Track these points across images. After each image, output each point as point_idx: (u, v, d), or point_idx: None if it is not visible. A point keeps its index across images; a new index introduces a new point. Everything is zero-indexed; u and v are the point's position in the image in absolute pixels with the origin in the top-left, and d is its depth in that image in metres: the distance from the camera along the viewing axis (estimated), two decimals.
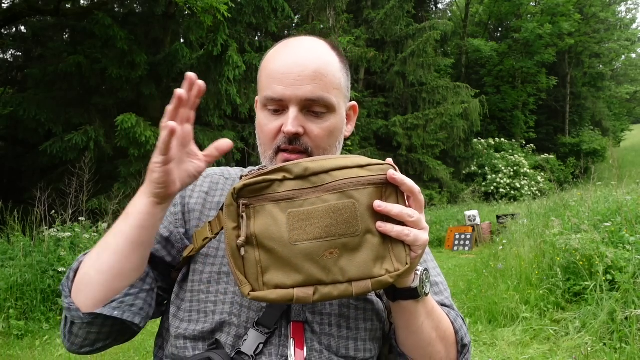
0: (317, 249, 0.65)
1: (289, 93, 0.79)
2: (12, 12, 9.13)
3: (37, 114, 8.37)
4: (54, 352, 4.13)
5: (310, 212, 0.66)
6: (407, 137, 17.04)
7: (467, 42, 26.06)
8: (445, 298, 0.91)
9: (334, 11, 15.12)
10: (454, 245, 10.35)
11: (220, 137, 6.21)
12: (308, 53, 0.81)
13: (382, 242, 0.68)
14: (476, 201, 17.59)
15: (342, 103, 0.86)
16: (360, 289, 0.67)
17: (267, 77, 0.82)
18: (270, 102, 0.81)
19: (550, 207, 7.70)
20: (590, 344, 3.50)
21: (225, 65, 8.97)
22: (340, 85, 0.84)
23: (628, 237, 4.33)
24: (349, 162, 0.69)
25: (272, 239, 0.66)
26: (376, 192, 0.68)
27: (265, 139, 0.84)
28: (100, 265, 0.74)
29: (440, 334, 0.80)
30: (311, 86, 0.79)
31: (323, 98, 0.80)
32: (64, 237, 5.51)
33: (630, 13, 42.61)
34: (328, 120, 0.82)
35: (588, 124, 30.48)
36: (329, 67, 0.82)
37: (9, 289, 4.75)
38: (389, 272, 0.68)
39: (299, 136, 0.80)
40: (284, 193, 0.67)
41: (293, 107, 0.79)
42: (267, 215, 0.67)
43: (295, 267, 0.66)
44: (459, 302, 5.19)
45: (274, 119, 0.82)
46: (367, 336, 0.82)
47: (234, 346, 0.76)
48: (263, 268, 0.67)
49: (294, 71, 0.79)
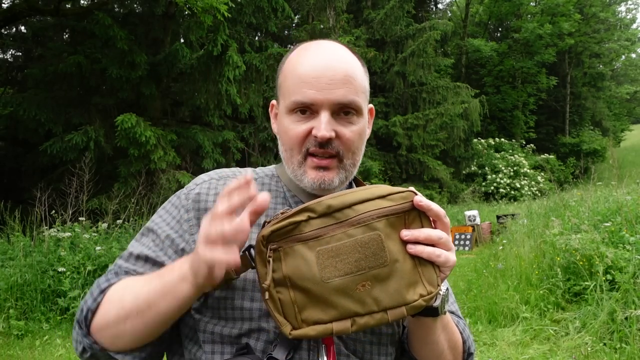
0: (350, 283, 0.67)
1: (321, 97, 0.78)
2: (12, 12, 9.12)
3: (37, 114, 8.37)
4: (54, 352, 4.13)
5: (338, 248, 0.67)
6: (407, 137, 17.03)
7: (467, 42, 26.05)
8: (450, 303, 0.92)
9: (334, 11, 15.12)
10: (454, 245, 10.34)
11: (220, 137, 6.25)
12: (336, 57, 0.81)
13: (412, 268, 0.70)
14: (476, 201, 17.59)
15: (366, 106, 0.86)
16: (396, 316, 0.69)
17: (296, 81, 0.80)
18: (300, 106, 0.80)
19: (550, 207, 7.70)
20: (590, 344, 3.50)
21: (225, 65, 8.97)
22: (365, 89, 0.85)
23: (628, 237, 4.33)
24: (369, 194, 0.70)
25: (304, 278, 0.67)
26: (399, 220, 0.70)
27: (293, 144, 0.81)
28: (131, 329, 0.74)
29: (451, 345, 0.83)
30: (343, 90, 0.78)
31: (354, 102, 0.80)
32: (64, 237, 5.51)
33: (630, 13, 42.62)
34: (357, 123, 0.82)
35: (588, 124, 30.47)
36: (356, 70, 0.82)
37: (9, 289, 4.75)
38: (422, 296, 0.70)
39: (331, 140, 0.79)
40: (311, 232, 0.68)
41: (325, 112, 0.78)
42: (297, 256, 0.68)
43: (331, 303, 0.67)
44: (459, 302, 5.19)
45: (302, 123, 0.80)
46: (389, 340, 0.84)
47: (264, 351, 0.76)
48: (299, 307, 0.68)
49: (326, 75, 0.78)
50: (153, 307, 0.72)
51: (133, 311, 0.73)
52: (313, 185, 0.80)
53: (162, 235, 0.83)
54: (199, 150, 9.98)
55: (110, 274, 0.82)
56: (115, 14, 10.83)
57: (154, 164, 8.44)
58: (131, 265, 0.82)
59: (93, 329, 0.77)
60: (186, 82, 9.93)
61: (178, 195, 0.88)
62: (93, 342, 0.76)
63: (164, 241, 0.83)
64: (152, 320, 0.73)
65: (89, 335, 0.77)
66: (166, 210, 0.87)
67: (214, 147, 10.07)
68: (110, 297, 0.77)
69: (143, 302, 0.73)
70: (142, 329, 0.74)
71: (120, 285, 0.78)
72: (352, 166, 0.83)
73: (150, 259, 0.82)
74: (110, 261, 5.26)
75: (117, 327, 0.74)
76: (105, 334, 0.76)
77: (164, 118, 10.34)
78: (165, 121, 10.25)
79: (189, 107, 10.77)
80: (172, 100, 10.97)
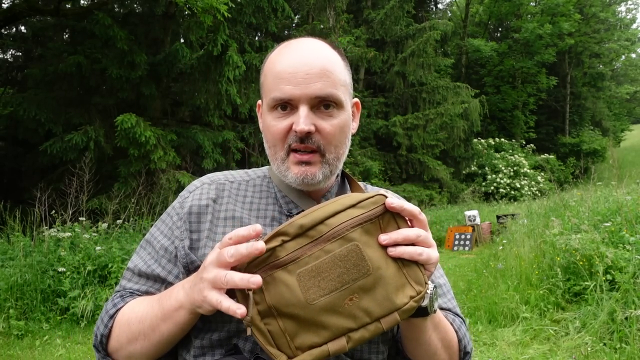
0: (337, 300, 0.66)
1: (298, 92, 0.78)
2: (12, 12, 9.12)
3: (37, 114, 8.36)
4: (54, 352, 4.13)
5: (318, 267, 0.66)
6: (407, 137, 17.03)
7: (467, 42, 26.05)
8: (448, 300, 0.92)
9: (334, 11, 15.11)
10: (454, 245, 10.35)
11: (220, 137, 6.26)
12: (313, 52, 0.82)
13: (396, 272, 0.69)
14: (476, 201, 17.59)
15: (348, 100, 0.86)
16: (390, 323, 0.68)
17: (274, 79, 0.81)
18: (279, 103, 0.80)
19: (550, 207, 7.70)
20: (590, 344, 3.50)
21: (225, 65, 8.97)
22: (345, 82, 0.84)
23: (628, 237, 4.33)
24: (339, 206, 0.69)
25: (290, 305, 0.66)
26: (374, 226, 0.69)
27: (275, 140, 0.82)
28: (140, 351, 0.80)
29: (445, 343, 0.82)
30: (320, 83, 0.79)
31: (332, 94, 0.80)
32: (64, 237, 5.51)
33: (630, 13, 42.62)
34: (338, 117, 0.82)
35: (588, 124, 30.47)
36: (334, 64, 0.82)
37: (9, 289, 4.75)
38: (412, 297, 0.69)
39: (311, 134, 0.79)
40: (287, 256, 0.66)
41: (303, 106, 0.79)
42: (278, 283, 0.66)
43: (322, 325, 0.66)
44: (459, 302, 5.19)
45: (282, 119, 0.81)
46: (380, 339, 0.84)
47: (252, 352, 0.77)
48: (290, 335, 0.66)
49: (302, 70, 0.79)
50: (156, 330, 0.77)
51: (140, 334, 0.78)
52: (297, 181, 0.81)
53: (157, 246, 0.87)
54: (199, 150, 9.98)
55: (115, 298, 0.86)
56: (115, 14, 10.82)
57: (154, 164, 8.44)
58: (134, 284, 0.87)
59: (110, 351, 0.83)
60: (186, 82, 9.92)
61: (173, 206, 0.91)
62: None
63: (158, 252, 0.86)
64: (158, 342, 0.78)
65: (108, 356, 0.84)
66: (162, 220, 0.91)
67: (214, 147, 10.07)
68: (119, 321, 0.82)
69: (147, 327, 0.77)
70: (150, 348, 0.79)
71: (127, 309, 0.83)
72: (335, 160, 0.83)
73: (146, 274, 0.86)
74: (110, 261, 5.27)
75: (129, 349, 0.81)
76: (121, 355, 0.83)
77: (164, 118, 10.34)
78: (165, 121, 10.25)
79: (189, 107, 10.77)
80: (172, 100, 10.97)
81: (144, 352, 0.80)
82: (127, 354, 0.81)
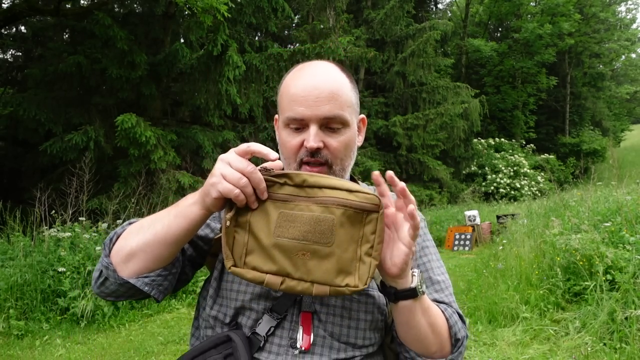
0: (293, 247, 0.76)
1: (309, 113, 0.90)
2: (12, 12, 9.11)
3: (37, 114, 8.36)
4: (54, 352, 4.13)
5: (296, 216, 0.76)
6: (407, 137, 17.03)
7: (467, 42, 26.05)
8: (445, 296, 0.99)
9: (334, 11, 15.11)
10: (454, 245, 10.35)
11: (220, 137, 6.25)
12: (323, 76, 0.92)
13: (350, 260, 0.77)
14: (476, 201, 17.59)
15: (354, 118, 0.97)
16: (319, 291, 0.77)
17: (289, 100, 0.92)
18: (292, 122, 0.92)
19: (550, 207, 7.70)
20: (590, 344, 3.49)
21: (225, 65, 8.96)
22: (352, 103, 0.95)
23: (628, 237, 4.33)
24: (340, 185, 0.78)
25: (260, 229, 0.77)
26: (357, 215, 0.77)
27: (289, 154, 0.94)
28: (144, 245, 0.86)
29: (435, 329, 0.88)
30: (328, 106, 0.90)
31: (339, 115, 0.91)
32: (64, 237, 5.51)
33: (630, 13, 42.64)
34: (344, 134, 0.93)
35: (588, 124, 30.47)
36: (342, 88, 0.93)
37: (9, 289, 4.75)
38: (349, 286, 0.77)
39: (320, 150, 0.91)
40: (282, 195, 0.78)
41: (313, 125, 0.90)
42: (263, 210, 0.78)
43: (272, 258, 0.77)
44: (459, 302, 5.19)
45: (295, 136, 0.92)
46: (367, 326, 0.92)
47: (251, 327, 0.91)
48: (248, 250, 0.78)
49: (313, 94, 0.90)
50: (166, 226, 0.84)
51: (149, 231, 0.86)
52: None
53: None
54: (199, 150, 9.98)
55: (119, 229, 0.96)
56: (115, 14, 10.82)
57: (154, 164, 8.44)
58: None
59: (113, 252, 0.89)
60: (186, 82, 9.92)
61: None
62: (109, 263, 0.88)
63: None
64: (164, 239, 0.85)
65: (109, 256, 0.89)
66: None
67: (214, 147, 10.06)
68: (133, 225, 0.91)
69: (158, 222, 0.86)
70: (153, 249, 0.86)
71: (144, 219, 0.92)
72: (341, 171, 0.95)
73: None
74: None
75: (131, 246, 0.87)
76: (120, 255, 0.88)
77: (164, 118, 10.34)
78: (165, 121, 10.25)
79: (189, 107, 10.76)
80: (172, 100, 10.97)
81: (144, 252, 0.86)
82: (126, 253, 0.87)
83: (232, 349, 0.86)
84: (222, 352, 0.87)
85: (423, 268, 1.00)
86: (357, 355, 0.91)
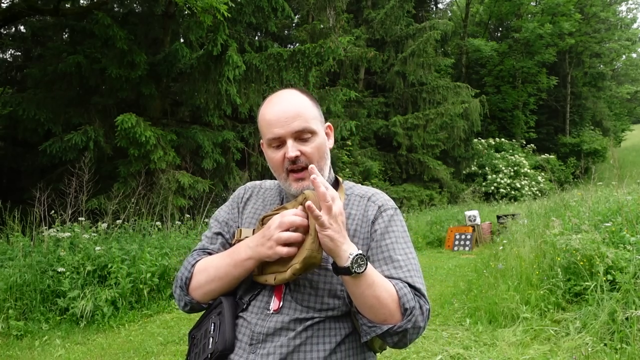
0: None
1: (283, 131, 1.15)
2: (12, 11, 9.10)
3: (36, 114, 8.35)
4: (54, 353, 4.12)
5: None
6: (407, 137, 17.02)
7: (467, 42, 26.04)
8: (402, 272, 1.14)
9: (334, 11, 15.11)
10: (454, 246, 10.34)
11: (220, 137, 6.25)
12: (288, 101, 1.18)
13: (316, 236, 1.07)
14: (476, 201, 17.57)
15: (320, 127, 1.22)
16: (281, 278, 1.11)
17: (266, 125, 1.18)
18: (273, 141, 1.18)
19: (550, 207, 7.69)
20: (591, 345, 3.48)
21: (225, 65, 8.95)
22: (316, 115, 1.21)
23: (629, 238, 4.32)
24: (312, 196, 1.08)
25: None
26: None
27: (276, 167, 1.19)
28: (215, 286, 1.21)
29: (381, 301, 1.06)
30: (297, 122, 1.15)
31: (306, 127, 1.16)
32: (63, 237, 5.50)
33: (630, 13, 42.60)
34: (314, 141, 1.17)
35: (588, 123, 30.46)
36: (304, 106, 1.19)
37: (8, 289, 4.74)
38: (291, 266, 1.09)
39: (298, 157, 1.15)
40: None
41: (289, 139, 1.15)
42: None
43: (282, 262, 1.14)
44: (459, 302, 5.18)
45: (278, 152, 1.18)
46: (325, 294, 1.15)
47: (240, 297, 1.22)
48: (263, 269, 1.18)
49: (283, 116, 1.15)
50: (229, 274, 1.18)
51: (216, 277, 1.20)
52: (297, 192, 1.17)
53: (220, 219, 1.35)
54: (199, 150, 9.96)
55: (195, 253, 1.30)
56: (115, 13, 10.82)
57: (154, 164, 8.43)
58: (207, 243, 1.32)
59: (190, 290, 1.24)
60: (186, 82, 9.91)
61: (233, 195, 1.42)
62: (191, 299, 1.24)
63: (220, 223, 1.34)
64: (228, 282, 1.19)
65: (188, 294, 1.24)
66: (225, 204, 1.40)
67: (213, 147, 10.05)
68: (198, 269, 1.24)
69: (222, 272, 1.19)
70: (221, 288, 1.21)
71: (203, 261, 1.25)
72: (321, 170, 1.17)
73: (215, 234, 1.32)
74: (110, 261, 5.28)
75: (206, 288, 1.22)
76: (198, 293, 1.23)
77: (164, 118, 10.33)
78: (165, 121, 10.24)
79: (189, 107, 10.75)
80: (172, 100, 10.96)
81: (217, 289, 1.21)
82: (203, 292, 1.22)
83: (221, 308, 1.18)
84: (215, 311, 1.19)
85: (385, 249, 1.17)
86: (315, 316, 1.13)
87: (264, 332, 1.13)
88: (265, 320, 1.14)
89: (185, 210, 8.20)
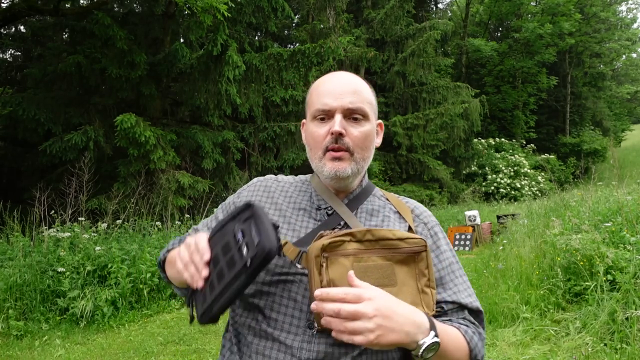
0: None
1: (335, 103, 1.02)
2: (12, 11, 9.10)
3: (36, 114, 8.35)
4: (54, 353, 4.12)
5: (367, 267, 0.91)
6: (407, 137, 17.02)
7: (467, 42, 26.03)
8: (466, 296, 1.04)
9: (334, 11, 15.10)
10: (454, 246, 10.34)
11: (220, 137, 6.26)
12: (347, 78, 1.07)
13: (415, 293, 0.93)
14: (476, 201, 17.58)
15: (373, 116, 1.08)
16: None
17: (317, 95, 1.05)
18: (320, 113, 1.03)
19: (550, 207, 7.69)
20: (591, 345, 3.48)
21: (225, 65, 8.95)
22: (372, 102, 1.08)
23: (629, 238, 4.32)
24: (392, 235, 0.94)
25: (344, 283, 0.87)
26: (408, 257, 0.94)
27: (316, 142, 1.04)
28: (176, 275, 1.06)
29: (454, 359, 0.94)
30: (352, 97, 1.02)
31: (360, 108, 1.03)
32: (63, 237, 5.50)
33: (631, 13, 42.62)
34: (364, 126, 1.04)
35: (589, 123, 30.45)
36: (364, 87, 1.07)
37: (8, 289, 4.74)
38: None
39: (343, 136, 1.01)
40: (351, 250, 0.91)
41: (338, 114, 1.01)
42: (340, 265, 0.89)
43: None
44: None
45: (322, 126, 1.03)
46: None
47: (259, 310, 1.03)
48: None
49: (338, 88, 1.03)
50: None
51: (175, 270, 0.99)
52: (330, 174, 1.02)
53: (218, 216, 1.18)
54: (199, 150, 9.97)
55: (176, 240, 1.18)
56: (115, 13, 10.82)
57: (154, 164, 8.43)
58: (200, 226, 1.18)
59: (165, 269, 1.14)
60: (186, 82, 9.91)
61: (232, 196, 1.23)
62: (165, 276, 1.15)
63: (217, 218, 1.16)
64: None
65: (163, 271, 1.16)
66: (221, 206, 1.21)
67: (213, 147, 10.05)
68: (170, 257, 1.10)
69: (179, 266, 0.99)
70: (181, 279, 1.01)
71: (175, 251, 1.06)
72: (362, 160, 1.04)
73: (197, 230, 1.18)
74: (110, 261, 5.27)
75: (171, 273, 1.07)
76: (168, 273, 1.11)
77: (164, 118, 10.33)
78: (165, 121, 10.24)
79: (189, 107, 10.75)
80: (171, 100, 10.96)
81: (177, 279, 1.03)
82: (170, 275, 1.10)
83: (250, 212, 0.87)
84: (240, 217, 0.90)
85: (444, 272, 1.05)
86: None
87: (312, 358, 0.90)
88: (311, 342, 0.91)
89: (185, 210, 8.21)
